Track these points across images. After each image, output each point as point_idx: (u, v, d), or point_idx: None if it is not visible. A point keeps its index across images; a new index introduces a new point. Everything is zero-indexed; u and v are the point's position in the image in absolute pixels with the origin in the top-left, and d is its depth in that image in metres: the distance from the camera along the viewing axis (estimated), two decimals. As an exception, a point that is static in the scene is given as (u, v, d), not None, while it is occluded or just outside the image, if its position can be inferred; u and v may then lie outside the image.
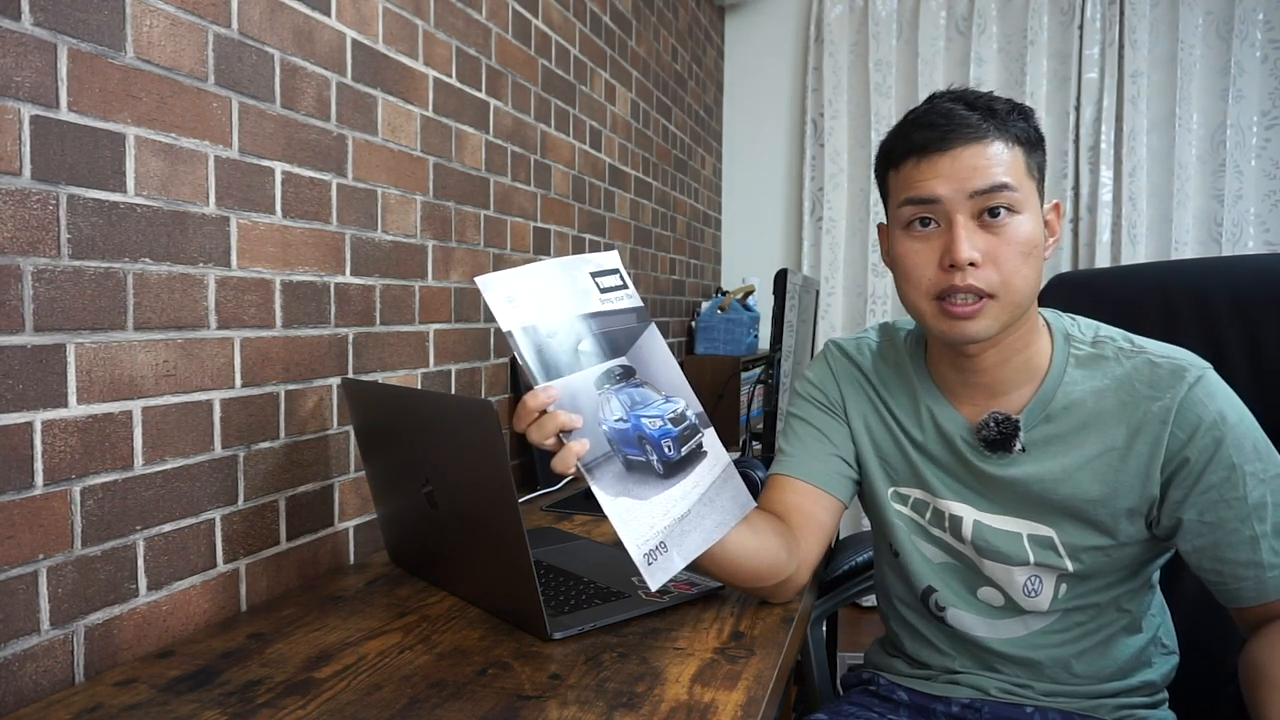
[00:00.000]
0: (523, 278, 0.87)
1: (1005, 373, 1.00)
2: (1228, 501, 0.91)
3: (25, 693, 0.79)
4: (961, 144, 0.92)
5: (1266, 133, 2.98)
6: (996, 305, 0.92)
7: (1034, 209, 0.94)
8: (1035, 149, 0.96)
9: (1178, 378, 0.93)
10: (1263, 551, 0.91)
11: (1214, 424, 0.91)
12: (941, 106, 0.94)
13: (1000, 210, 0.91)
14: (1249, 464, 0.91)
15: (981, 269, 0.91)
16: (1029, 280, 0.93)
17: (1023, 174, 0.93)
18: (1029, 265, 0.93)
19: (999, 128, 0.93)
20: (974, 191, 0.91)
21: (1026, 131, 0.95)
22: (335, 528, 1.22)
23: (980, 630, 1.05)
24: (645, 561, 0.85)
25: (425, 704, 0.78)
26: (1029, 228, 0.93)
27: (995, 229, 0.92)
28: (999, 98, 0.96)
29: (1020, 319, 0.96)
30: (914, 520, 1.08)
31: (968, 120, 0.92)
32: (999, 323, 0.93)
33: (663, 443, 0.91)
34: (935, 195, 0.92)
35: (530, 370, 0.85)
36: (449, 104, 1.48)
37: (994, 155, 0.92)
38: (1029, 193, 0.94)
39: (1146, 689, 1.05)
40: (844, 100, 3.38)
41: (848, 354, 1.13)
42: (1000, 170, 0.91)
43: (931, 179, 0.92)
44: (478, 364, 1.60)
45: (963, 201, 0.92)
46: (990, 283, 0.92)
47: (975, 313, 0.92)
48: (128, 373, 0.89)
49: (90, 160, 0.84)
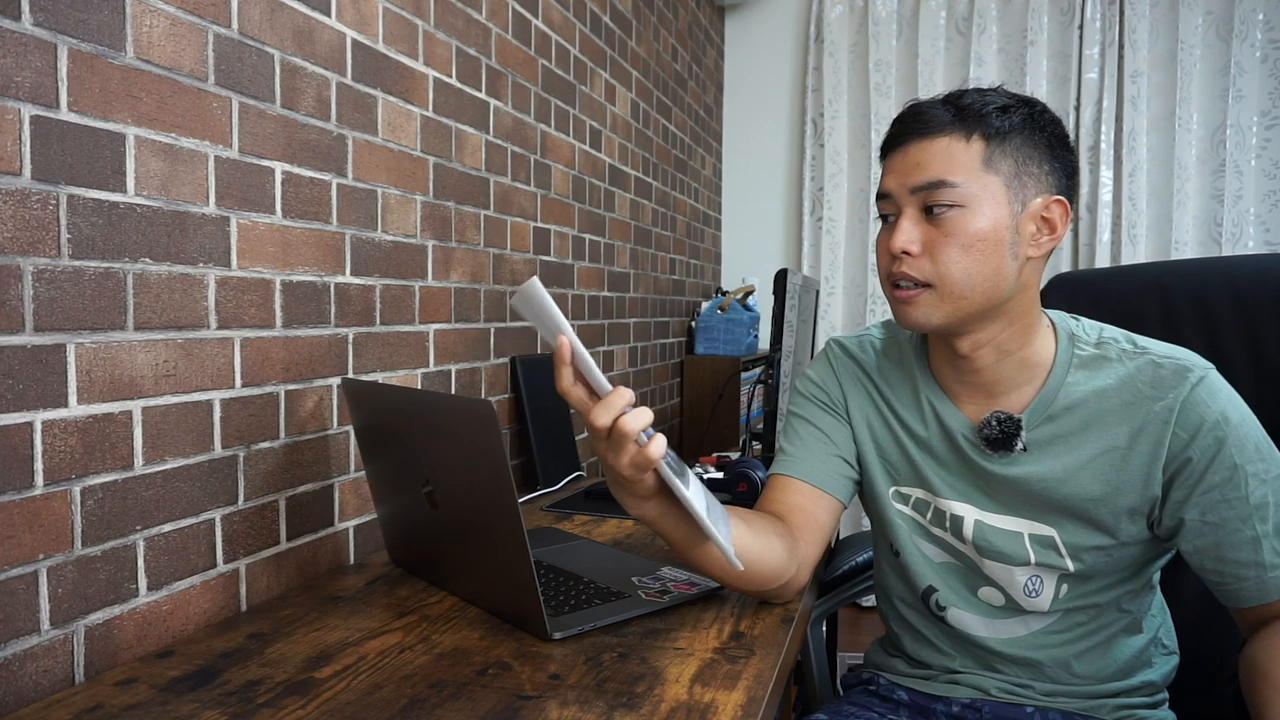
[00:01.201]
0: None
1: (1003, 371, 1.00)
2: (1229, 501, 0.91)
3: (25, 693, 0.79)
4: (912, 140, 0.96)
5: (1266, 133, 2.98)
6: (934, 295, 0.95)
7: (991, 203, 0.93)
8: (1004, 140, 0.93)
9: (1180, 378, 0.93)
10: (1264, 551, 0.91)
11: (1216, 424, 0.91)
12: (920, 105, 0.98)
13: (939, 206, 0.93)
14: (1251, 464, 0.91)
15: (917, 259, 0.95)
16: (970, 273, 0.93)
17: (976, 169, 0.93)
18: (970, 258, 0.93)
19: (961, 124, 0.94)
20: (913, 187, 0.95)
21: (1005, 127, 0.93)
22: (335, 528, 1.22)
23: (980, 630, 1.05)
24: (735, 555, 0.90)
25: (425, 704, 0.78)
26: (977, 223, 0.93)
27: (936, 222, 0.94)
28: (994, 95, 0.95)
29: (993, 314, 0.96)
30: (915, 520, 1.08)
31: (927, 117, 0.95)
32: (941, 312, 0.95)
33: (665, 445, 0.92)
34: (887, 190, 0.98)
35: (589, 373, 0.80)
36: (449, 104, 1.48)
37: (939, 151, 0.94)
38: (983, 188, 0.93)
39: (1147, 689, 1.05)
40: (844, 100, 3.38)
41: (850, 352, 1.13)
42: (940, 167, 0.93)
43: (888, 174, 0.98)
44: (478, 364, 1.60)
45: (906, 195, 0.96)
46: (924, 272, 0.95)
47: (912, 298, 0.96)
48: (128, 373, 0.89)
49: (90, 160, 0.84)
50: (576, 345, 0.79)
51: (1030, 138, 0.95)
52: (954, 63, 3.27)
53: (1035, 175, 0.95)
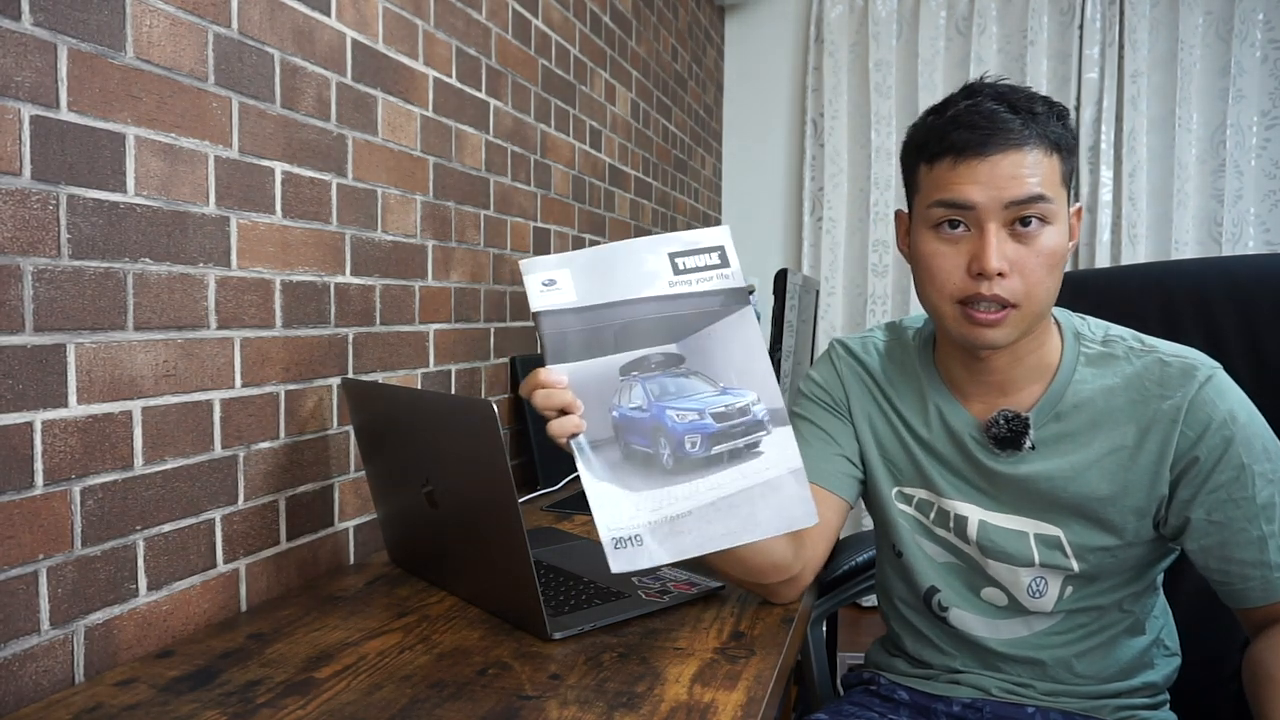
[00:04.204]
0: (568, 261, 0.87)
1: (1017, 372, 1.00)
2: (1236, 501, 0.91)
3: (25, 693, 0.79)
4: (1001, 150, 0.90)
5: (1266, 133, 2.98)
6: (1018, 314, 0.92)
7: (1064, 218, 0.93)
8: (1070, 154, 0.94)
9: (1188, 377, 0.93)
10: (1270, 552, 0.91)
11: (1224, 423, 0.91)
12: (985, 107, 0.91)
13: (1032, 220, 0.91)
14: (1258, 464, 0.91)
15: (1008, 279, 0.91)
16: (1051, 291, 0.93)
17: (1057, 183, 0.92)
18: (1053, 276, 0.93)
19: (1039, 134, 0.91)
20: (1010, 201, 0.90)
21: (1063, 136, 0.93)
22: (335, 528, 1.22)
23: (982, 630, 1.05)
24: (611, 545, 0.84)
25: (425, 704, 0.78)
26: (1057, 239, 0.92)
27: (1025, 239, 0.91)
28: (1039, 97, 0.93)
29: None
30: (918, 520, 1.08)
31: (1010, 125, 0.90)
32: (1019, 330, 0.94)
33: (686, 437, 0.88)
34: (970, 201, 0.91)
35: (545, 352, 0.86)
36: (449, 104, 1.48)
37: (1032, 164, 0.90)
38: (1061, 203, 0.93)
39: (1148, 690, 1.05)
40: (844, 100, 3.38)
41: (853, 353, 1.13)
42: (1036, 181, 0.90)
43: (969, 184, 0.91)
44: (478, 364, 1.60)
45: (997, 210, 0.90)
46: (1015, 293, 0.91)
47: (998, 321, 0.92)
48: (128, 373, 0.89)
49: (90, 160, 0.84)
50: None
51: (1075, 148, 0.95)
52: (954, 63, 3.26)
53: (1071, 185, 0.96)
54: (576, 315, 0.87)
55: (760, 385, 0.90)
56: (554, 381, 0.85)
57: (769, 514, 0.88)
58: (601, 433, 0.87)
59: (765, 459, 0.89)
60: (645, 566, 0.85)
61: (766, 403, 0.89)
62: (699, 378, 0.90)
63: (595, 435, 0.86)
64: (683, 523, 0.87)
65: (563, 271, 0.87)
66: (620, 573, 0.84)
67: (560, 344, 0.86)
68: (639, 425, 0.88)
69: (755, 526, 0.88)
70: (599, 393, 0.87)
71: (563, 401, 0.85)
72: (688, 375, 0.89)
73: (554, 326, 0.86)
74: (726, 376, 0.90)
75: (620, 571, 0.84)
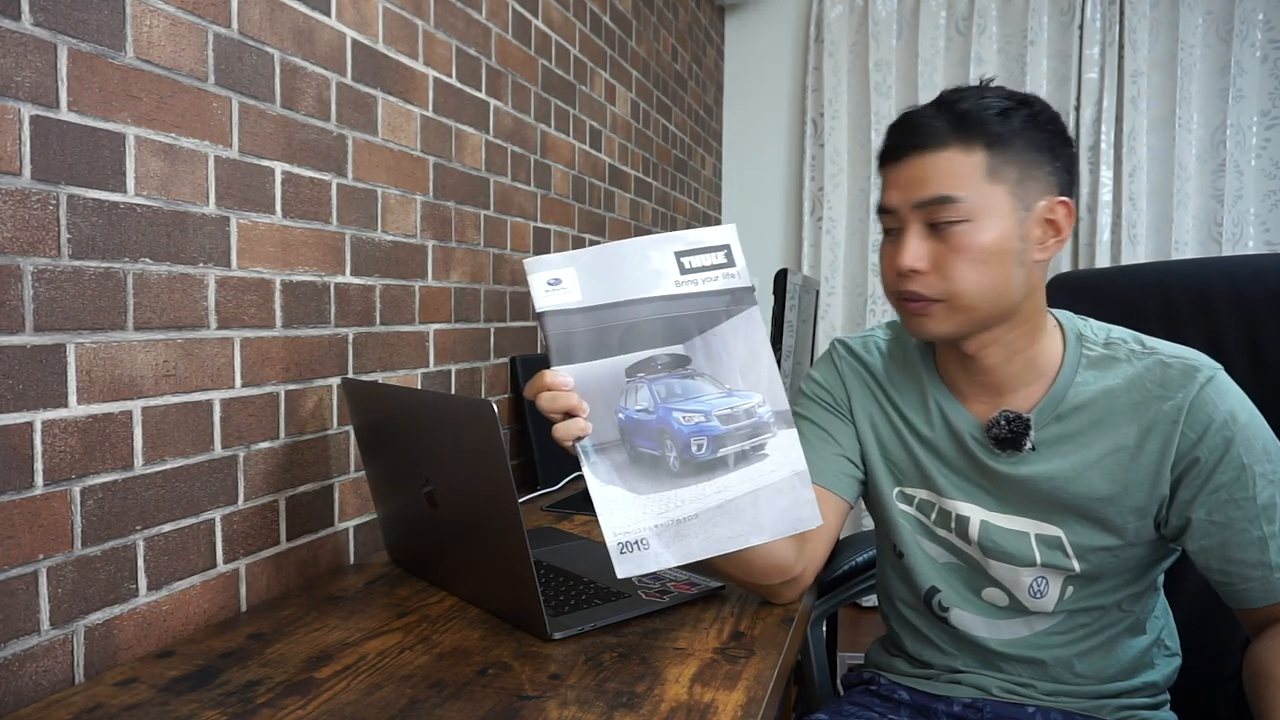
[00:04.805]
0: (572, 260, 0.87)
1: (1011, 371, 1.00)
2: (1237, 501, 0.91)
3: (25, 693, 0.79)
4: (913, 154, 0.94)
5: (1266, 133, 2.98)
6: (946, 308, 0.95)
7: (997, 214, 0.92)
8: (1007, 148, 0.92)
9: (1189, 378, 0.93)
10: (1271, 552, 0.91)
11: (1225, 424, 0.91)
12: (913, 113, 0.96)
13: (944, 222, 0.92)
14: (1259, 464, 0.91)
15: (926, 275, 0.94)
16: (981, 285, 0.93)
17: (978, 179, 0.92)
18: (980, 272, 0.92)
19: (962, 134, 0.92)
20: (917, 203, 0.93)
21: (1001, 133, 0.92)
22: (335, 528, 1.22)
23: (983, 631, 1.05)
24: (617, 550, 0.84)
25: (425, 704, 0.78)
26: (983, 234, 0.92)
27: (944, 237, 0.93)
28: (992, 97, 0.94)
29: (1002, 318, 0.96)
30: (919, 520, 1.08)
31: (925, 128, 0.93)
32: (954, 324, 0.95)
33: (691, 440, 0.88)
34: (890, 205, 0.96)
35: (550, 353, 0.86)
36: (449, 104, 1.48)
37: (942, 165, 0.92)
38: (987, 198, 0.92)
39: (1149, 690, 1.05)
40: (844, 100, 3.38)
41: (855, 353, 1.13)
42: (943, 182, 0.92)
43: (889, 188, 0.97)
44: (478, 364, 1.60)
45: (911, 211, 0.94)
46: (933, 289, 0.94)
47: (924, 311, 0.95)
48: (128, 373, 0.89)
49: (90, 160, 0.84)
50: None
51: (1033, 140, 0.93)
52: (954, 63, 3.26)
53: (1038, 178, 0.94)
54: (582, 315, 0.86)
55: (766, 387, 0.89)
56: (560, 384, 0.85)
57: (774, 516, 0.88)
58: (607, 435, 0.86)
59: (770, 461, 0.89)
60: (651, 570, 0.85)
61: (772, 404, 0.89)
62: (705, 379, 0.89)
63: (601, 438, 0.86)
64: (688, 526, 0.86)
65: (568, 270, 0.86)
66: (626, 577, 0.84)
67: (566, 345, 0.86)
68: (645, 428, 0.87)
69: (761, 529, 0.88)
70: (605, 394, 0.87)
71: (569, 404, 0.85)
72: (694, 377, 0.89)
73: (559, 327, 0.86)
74: (732, 378, 0.90)
75: (626, 576, 0.84)
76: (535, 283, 0.86)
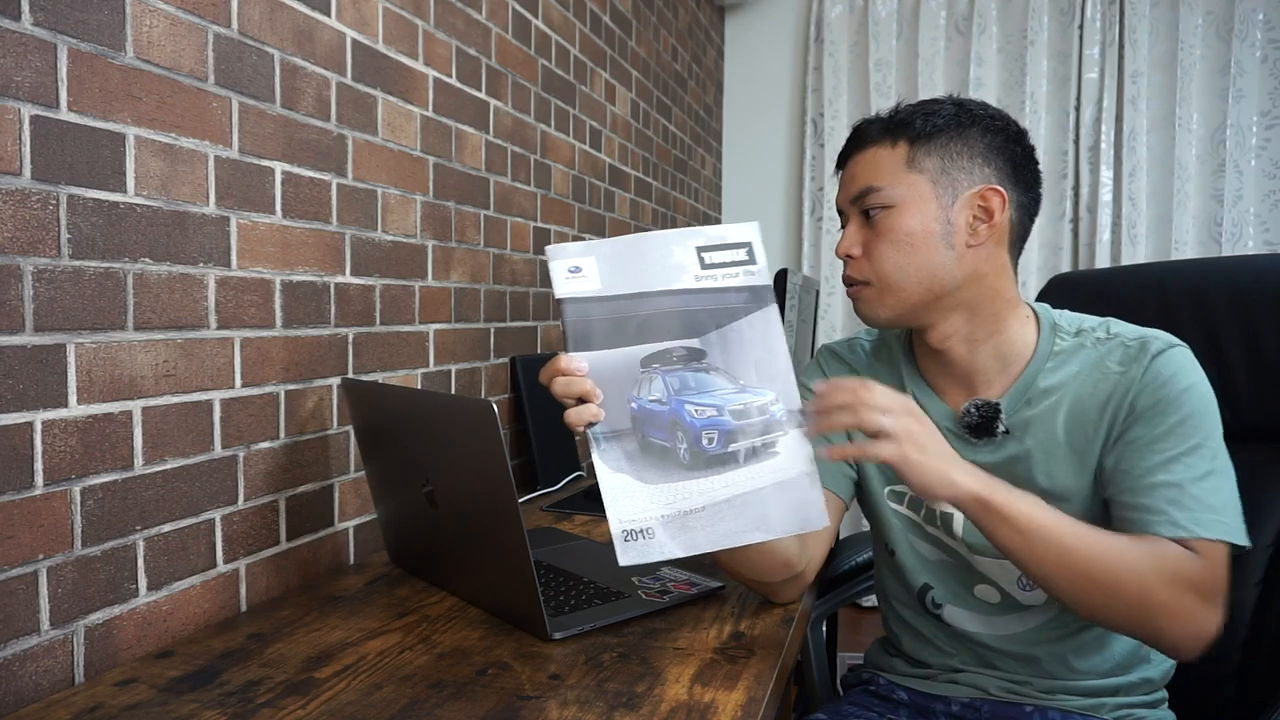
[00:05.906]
0: (594, 249, 0.87)
1: (978, 362, 1.03)
2: (1142, 452, 0.93)
3: (25, 693, 0.79)
4: (850, 156, 1.05)
5: (1266, 133, 2.98)
6: (873, 290, 1.01)
7: (917, 200, 0.98)
8: (943, 141, 0.99)
9: (1144, 351, 0.97)
10: (1156, 497, 0.92)
11: (1163, 385, 0.94)
12: (857, 124, 1.06)
13: (872, 210, 1.00)
14: (1179, 428, 0.93)
15: (857, 260, 1.02)
16: (902, 266, 0.99)
17: (897, 169, 0.99)
18: (901, 253, 0.99)
19: (889, 132, 1.01)
20: (850, 198, 1.03)
21: (929, 128, 0.99)
22: (335, 528, 1.22)
23: (977, 627, 1.06)
24: (621, 538, 0.84)
25: (425, 704, 0.78)
26: (906, 219, 0.99)
27: (873, 225, 1.01)
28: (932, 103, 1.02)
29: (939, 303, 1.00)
30: (909, 518, 1.09)
31: (862, 133, 1.03)
32: (887, 307, 1.01)
33: (703, 433, 0.88)
34: (838, 204, 1.06)
35: (567, 339, 0.87)
36: (449, 104, 1.48)
37: (867, 161, 1.02)
38: (909, 187, 0.99)
39: (1145, 686, 1.05)
40: (844, 100, 3.38)
41: (839, 356, 1.17)
42: (869, 174, 1.01)
43: (839, 190, 1.06)
44: (478, 364, 1.60)
45: (848, 206, 1.04)
46: (863, 271, 1.02)
47: (859, 295, 1.03)
48: (128, 373, 0.89)
49: (90, 160, 0.84)
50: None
51: (958, 134, 0.99)
52: (954, 63, 3.26)
53: (965, 168, 0.99)
54: (600, 304, 0.87)
55: (780, 385, 0.90)
56: (574, 369, 0.86)
57: (781, 514, 0.88)
58: (619, 423, 0.87)
59: (781, 459, 0.88)
60: (655, 560, 0.85)
61: (785, 403, 0.89)
62: (719, 374, 0.90)
63: (613, 426, 0.86)
64: (695, 518, 0.86)
65: (588, 259, 0.87)
66: (628, 565, 0.84)
67: (583, 331, 0.86)
68: (657, 418, 0.88)
69: (767, 526, 0.88)
70: (619, 383, 0.87)
71: (582, 389, 0.85)
72: (708, 371, 0.90)
73: (577, 314, 0.86)
74: (746, 374, 0.90)
75: (629, 564, 0.84)
76: (556, 270, 0.86)
